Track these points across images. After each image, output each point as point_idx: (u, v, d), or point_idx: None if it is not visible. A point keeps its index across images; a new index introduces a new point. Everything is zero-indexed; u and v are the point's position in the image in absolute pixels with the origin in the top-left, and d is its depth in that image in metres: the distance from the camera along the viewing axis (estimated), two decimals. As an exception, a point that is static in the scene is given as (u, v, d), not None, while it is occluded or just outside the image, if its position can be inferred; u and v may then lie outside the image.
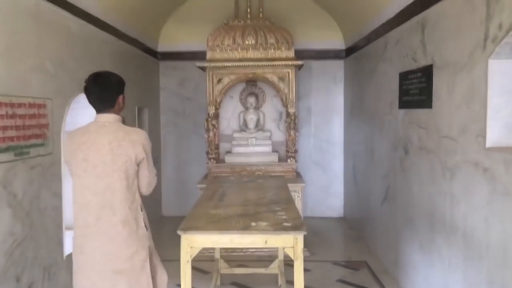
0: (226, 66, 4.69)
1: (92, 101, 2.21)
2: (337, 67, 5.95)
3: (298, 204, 4.49)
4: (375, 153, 4.45)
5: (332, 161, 6.06)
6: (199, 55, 4.99)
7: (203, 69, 4.88)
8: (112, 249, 2.11)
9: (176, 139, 6.09)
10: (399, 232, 3.67)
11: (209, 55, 4.77)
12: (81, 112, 3.51)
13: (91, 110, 2.26)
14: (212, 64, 4.69)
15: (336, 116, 6.03)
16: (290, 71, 4.74)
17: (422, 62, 3.15)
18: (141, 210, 2.20)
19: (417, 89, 3.23)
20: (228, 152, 5.05)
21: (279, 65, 4.69)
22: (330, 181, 6.08)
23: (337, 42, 5.87)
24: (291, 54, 4.75)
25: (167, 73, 6.05)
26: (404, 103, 3.53)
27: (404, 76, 3.51)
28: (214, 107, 4.78)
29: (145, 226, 2.21)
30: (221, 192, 3.08)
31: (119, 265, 2.11)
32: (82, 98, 3.25)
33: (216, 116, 4.97)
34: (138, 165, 2.16)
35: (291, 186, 4.34)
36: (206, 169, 4.97)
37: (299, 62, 4.65)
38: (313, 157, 6.07)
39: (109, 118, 2.18)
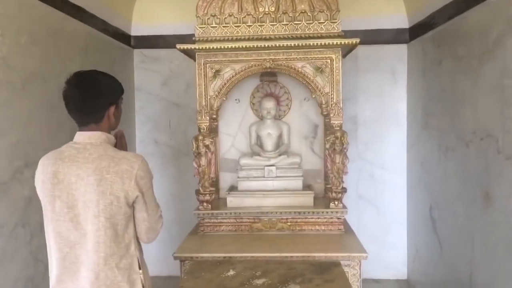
0: (228, 49, 2.80)
1: (71, 111, 1.56)
2: (397, 55, 4.00)
3: (353, 284, 2.54)
4: (497, 201, 2.46)
5: (389, 196, 4.08)
6: (191, 40, 3.02)
7: (190, 55, 3.00)
8: None
9: (160, 163, 4.19)
10: None
11: (199, 32, 2.88)
12: None
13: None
14: (205, 46, 2.80)
15: (395, 129, 4.06)
16: (334, 57, 2.83)
17: None
18: (139, 267, 1.61)
19: None
20: (233, 188, 3.13)
21: (316, 45, 2.77)
22: (387, 226, 4.10)
23: (396, 18, 3.93)
24: (336, 28, 2.82)
25: (144, 66, 4.19)
26: None
27: None
28: (208, 117, 2.89)
29: None
30: None
31: None
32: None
33: (213, 131, 3.07)
34: (132, 205, 1.56)
35: (342, 259, 2.50)
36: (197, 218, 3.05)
37: (353, 40, 2.72)
38: (360, 189, 4.10)
39: (94, 137, 1.55)
